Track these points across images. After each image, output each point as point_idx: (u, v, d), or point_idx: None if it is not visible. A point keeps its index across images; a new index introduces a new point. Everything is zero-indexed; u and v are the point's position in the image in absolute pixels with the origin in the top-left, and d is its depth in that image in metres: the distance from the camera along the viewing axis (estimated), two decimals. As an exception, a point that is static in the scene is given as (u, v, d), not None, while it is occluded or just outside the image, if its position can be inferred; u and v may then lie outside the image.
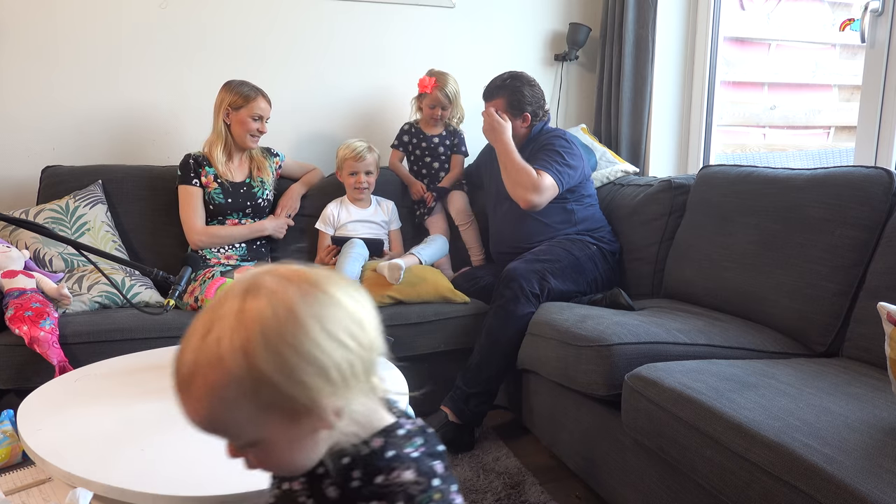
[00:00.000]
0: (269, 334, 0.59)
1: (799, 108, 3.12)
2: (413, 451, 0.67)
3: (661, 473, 1.46)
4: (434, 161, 2.69)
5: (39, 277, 1.95)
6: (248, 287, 0.62)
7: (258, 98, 2.33)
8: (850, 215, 1.72)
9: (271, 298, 0.61)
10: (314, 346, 0.60)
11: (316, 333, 0.61)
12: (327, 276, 0.66)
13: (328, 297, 0.63)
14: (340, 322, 0.63)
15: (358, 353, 0.63)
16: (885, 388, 1.37)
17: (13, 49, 2.44)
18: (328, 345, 0.61)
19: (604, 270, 2.33)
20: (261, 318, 0.60)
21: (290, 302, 0.61)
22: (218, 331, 0.60)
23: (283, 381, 0.59)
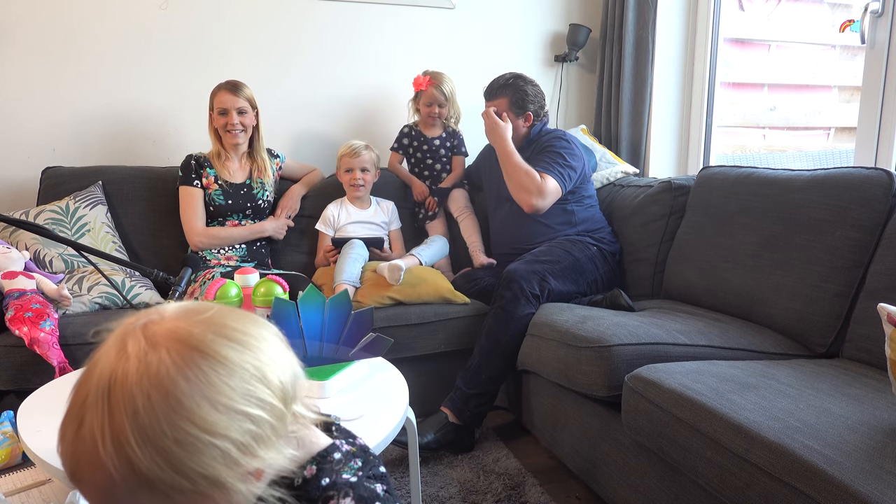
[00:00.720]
0: (145, 430, 0.50)
1: (799, 109, 3.12)
2: (351, 476, 0.62)
3: (661, 474, 1.46)
4: (436, 163, 2.70)
5: (39, 278, 1.95)
6: (117, 353, 0.53)
7: (219, 92, 2.27)
8: (850, 216, 1.72)
9: (141, 379, 0.51)
10: (204, 433, 0.51)
11: (205, 417, 0.51)
12: (210, 325, 0.56)
13: (213, 360, 0.53)
14: (235, 389, 0.53)
15: (265, 415, 0.55)
16: (886, 389, 1.37)
17: (14, 50, 2.44)
18: (223, 424, 0.52)
19: (604, 271, 2.33)
20: (132, 410, 0.50)
21: (165, 381, 0.51)
22: (90, 422, 0.51)
23: (175, 477, 0.50)
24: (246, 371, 0.55)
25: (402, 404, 1.30)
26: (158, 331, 0.54)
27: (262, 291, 1.44)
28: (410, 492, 1.60)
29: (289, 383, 0.59)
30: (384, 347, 1.40)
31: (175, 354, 0.52)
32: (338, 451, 0.64)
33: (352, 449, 0.65)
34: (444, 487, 1.83)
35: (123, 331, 0.55)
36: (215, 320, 0.57)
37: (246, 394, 0.54)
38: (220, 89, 2.29)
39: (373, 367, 1.48)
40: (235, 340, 0.56)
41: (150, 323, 0.55)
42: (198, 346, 0.53)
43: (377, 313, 2.11)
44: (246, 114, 2.30)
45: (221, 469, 0.52)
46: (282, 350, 0.60)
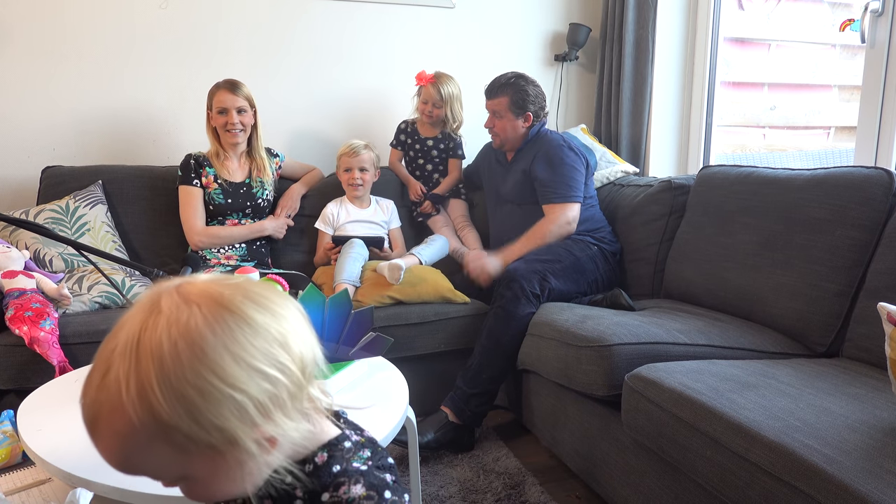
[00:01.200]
0: (169, 376, 0.51)
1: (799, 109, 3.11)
2: (360, 465, 0.63)
3: (661, 473, 1.46)
4: (427, 163, 2.69)
5: (39, 278, 1.95)
6: (149, 310, 0.55)
7: (218, 91, 2.27)
8: (850, 215, 1.72)
9: (170, 329, 0.53)
10: (225, 385, 0.53)
11: (226, 369, 0.53)
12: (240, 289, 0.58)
13: (240, 318, 0.55)
14: (258, 348, 0.55)
15: (283, 378, 0.56)
16: (886, 389, 1.37)
17: (14, 50, 2.44)
18: (243, 379, 0.54)
19: (604, 271, 2.33)
20: (158, 356, 0.52)
21: (193, 332, 0.53)
22: (116, 370, 0.53)
23: (193, 427, 0.52)
24: (270, 334, 0.56)
25: (402, 403, 1.30)
26: (192, 290, 0.56)
27: (262, 291, 1.43)
28: (410, 491, 1.60)
29: (309, 359, 0.60)
30: (384, 347, 1.40)
31: (206, 310, 0.55)
32: (348, 440, 0.65)
33: (360, 439, 0.66)
34: (444, 487, 1.83)
35: (157, 291, 0.57)
36: (246, 287, 0.59)
37: (268, 354, 0.56)
38: (218, 88, 2.28)
39: (373, 367, 1.48)
40: (264, 307, 0.58)
41: (184, 283, 0.58)
42: (228, 306, 0.56)
43: (377, 313, 2.11)
44: (245, 113, 2.29)
45: (237, 425, 0.54)
46: (306, 329, 0.61)
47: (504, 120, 2.40)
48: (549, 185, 2.34)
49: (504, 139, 2.45)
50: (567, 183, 2.32)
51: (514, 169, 2.46)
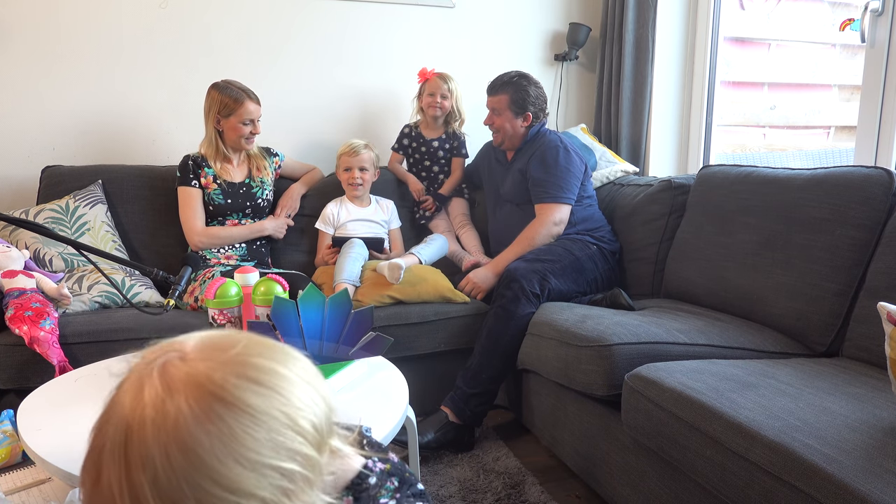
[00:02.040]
0: (163, 489, 0.46)
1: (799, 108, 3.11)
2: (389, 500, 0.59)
3: (661, 473, 1.46)
4: (434, 165, 2.70)
5: (39, 277, 1.95)
6: (134, 401, 0.48)
7: (245, 102, 2.27)
8: (850, 215, 1.72)
9: (158, 432, 0.47)
10: (228, 493, 0.47)
11: (228, 475, 0.47)
12: (231, 365, 0.51)
13: (235, 409, 0.48)
14: (262, 442, 0.48)
15: (296, 467, 0.50)
16: (885, 388, 1.37)
17: (14, 49, 2.44)
18: (249, 482, 0.47)
19: (604, 270, 2.33)
20: (150, 468, 0.46)
21: (184, 435, 0.46)
22: (107, 476, 0.47)
23: None
24: (275, 419, 0.49)
25: (402, 403, 1.30)
26: (176, 375, 0.49)
27: (262, 290, 1.44)
28: None
29: (323, 424, 0.53)
30: (384, 346, 1.40)
31: (194, 403, 0.48)
32: (372, 473, 0.60)
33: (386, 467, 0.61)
34: (444, 486, 1.83)
35: (140, 372, 0.51)
36: (239, 360, 0.51)
37: (275, 446, 0.49)
38: (244, 98, 2.26)
39: (373, 367, 1.48)
40: (261, 384, 0.50)
41: (168, 364, 0.50)
42: (219, 394, 0.48)
43: (377, 312, 2.11)
44: (259, 121, 2.36)
45: None
46: (315, 385, 0.54)
47: (503, 118, 2.41)
48: (540, 185, 2.34)
49: (503, 137, 2.45)
50: (559, 184, 2.33)
51: (513, 169, 2.47)
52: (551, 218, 2.31)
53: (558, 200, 2.33)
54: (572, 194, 2.36)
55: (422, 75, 2.63)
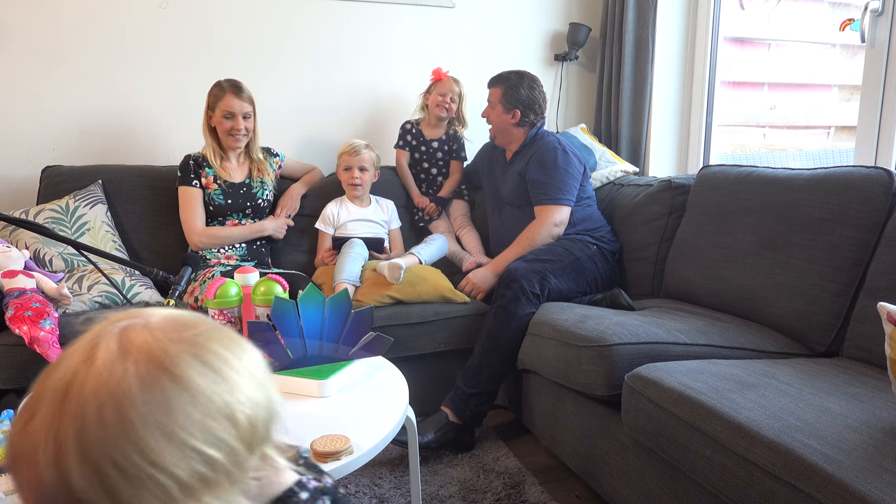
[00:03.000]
0: (87, 443, 0.46)
1: (799, 108, 3.11)
2: None
3: (661, 473, 1.46)
4: (432, 167, 2.70)
5: (39, 277, 1.95)
6: (85, 357, 0.49)
7: (226, 95, 2.25)
8: (850, 215, 1.72)
9: (99, 389, 0.47)
10: (149, 465, 0.46)
11: (154, 447, 0.47)
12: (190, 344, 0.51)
13: (180, 385, 0.49)
14: (195, 423, 0.48)
15: (221, 457, 0.50)
16: (885, 388, 1.37)
17: (14, 49, 2.44)
18: (172, 459, 0.47)
19: (604, 270, 2.33)
20: (81, 420, 0.46)
21: (122, 397, 0.47)
22: (38, 420, 0.48)
23: (103, 500, 0.46)
24: (213, 404, 0.50)
25: (402, 403, 1.30)
26: (135, 340, 0.50)
27: (262, 290, 1.44)
28: (410, 491, 1.60)
29: (260, 425, 0.53)
30: (384, 346, 1.40)
31: (143, 370, 0.48)
32: (304, 489, 0.59)
33: (319, 486, 0.60)
34: (444, 486, 1.83)
35: (99, 331, 0.52)
36: (198, 341, 0.52)
37: (206, 430, 0.49)
38: (223, 91, 2.26)
39: (372, 366, 1.48)
40: (211, 367, 0.51)
41: (129, 328, 0.51)
42: (168, 367, 0.49)
43: (377, 312, 2.11)
44: (249, 118, 2.30)
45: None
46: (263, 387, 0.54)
47: (495, 111, 2.45)
48: (539, 187, 2.35)
49: (495, 131, 2.49)
50: (558, 185, 2.33)
51: (511, 171, 2.47)
52: (551, 219, 2.31)
53: (558, 202, 2.33)
54: (571, 196, 2.36)
55: (436, 74, 2.63)
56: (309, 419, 1.21)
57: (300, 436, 1.11)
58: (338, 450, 1.05)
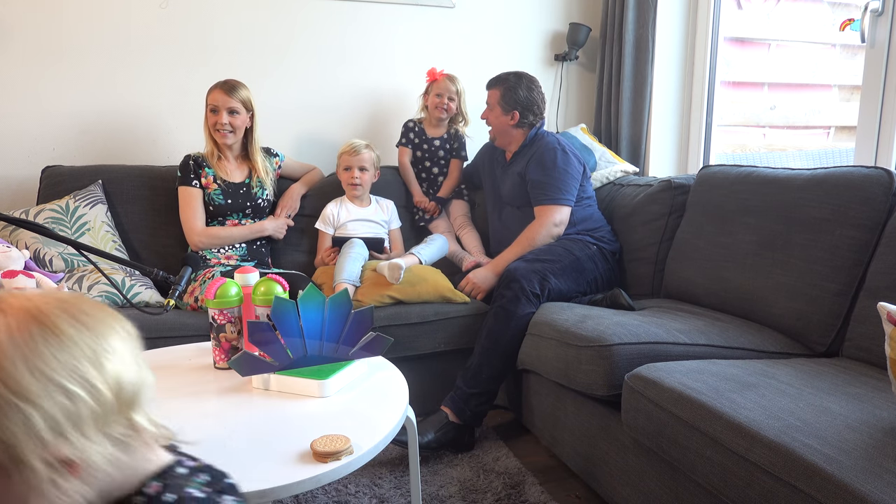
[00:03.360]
0: None
1: (799, 108, 3.11)
2: (197, 491, 0.60)
3: (661, 473, 1.46)
4: (433, 166, 2.70)
5: (40, 277, 1.94)
6: None
7: (213, 90, 2.27)
8: (850, 215, 1.72)
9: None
10: (12, 394, 0.51)
11: (18, 378, 0.51)
12: (63, 304, 0.56)
13: (48, 330, 0.54)
14: (60, 361, 0.53)
15: (86, 396, 0.53)
16: (885, 388, 1.37)
17: (14, 49, 2.44)
18: (35, 391, 0.51)
19: (604, 270, 2.33)
20: None
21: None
22: None
23: None
24: (79, 349, 0.54)
25: (402, 403, 1.30)
26: (12, 302, 0.55)
27: (262, 290, 1.44)
28: (410, 491, 1.60)
29: (130, 385, 0.57)
30: (384, 346, 1.40)
31: (14, 321, 0.53)
32: (181, 466, 0.62)
33: (196, 464, 0.63)
34: (444, 486, 1.83)
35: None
36: (74, 303, 0.57)
37: (71, 369, 0.53)
38: (214, 87, 2.28)
39: (372, 367, 1.48)
40: (82, 322, 0.56)
41: (10, 295, 0.56)
42: (39, 317, 0.54)
43: (377, 312, 2.11)
44: (237, 115, 2.28)
45: (24, 440, 0.50)
46: (133, 355, 0.58)
47: (493, 113, 2.45)
48: (539, 187, 2.35)
49: (494, 132, 2.49)
50: (557, 185, 2.33)
51: (511, 172, 2.47)
52: (551, 219, 2.31)
53: (558, 202, 2.33)
54: (571, 196, 2.36)
55: (430, 75, 2.63)
56: (309, 419, 1.21)
57: (300, 436, 1.11)
58: (338, 450, 1.05)
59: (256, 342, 1.29)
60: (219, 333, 1.45)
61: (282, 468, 1.01)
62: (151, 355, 1.60)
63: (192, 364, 1.52)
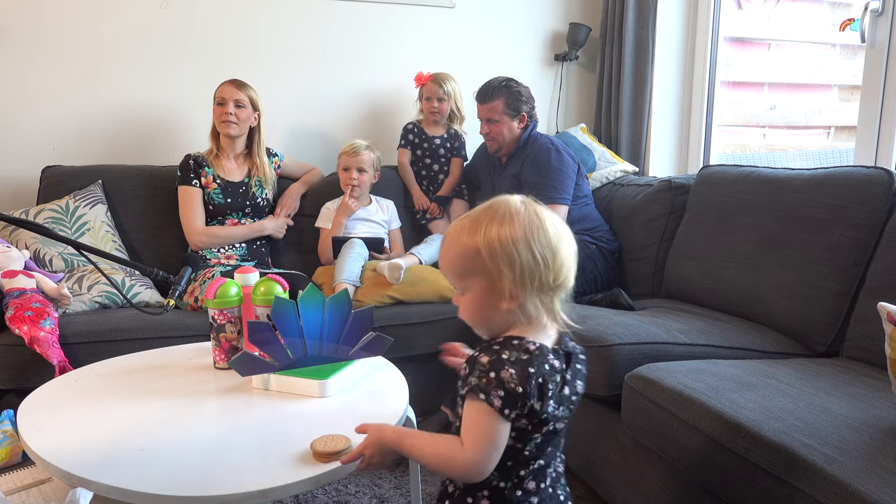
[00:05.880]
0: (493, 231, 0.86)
1: (799, 108, 3.11)
2: (506, 356, 0.84)
3: (661, 473, 1.46)
4: (434, 163, 2.70)
5: (39, 277, 1.95)
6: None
7: (221, 85, 2.32)
8: (850, 215, 1.72)
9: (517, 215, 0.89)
10: (514, 249, 0.85)
11: (520, 241, 0.85)
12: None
13: (542, 223, 0.89)
14: (542, 241, 0.86)
15: (541, 269, 0.86)
16: (885, 388, 1.37)
17: (14, 49, 2.44)
18: (523, 251, 0.85)
19: (603, 269, 2.33)
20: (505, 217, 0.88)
21: (515, 216, 0.88)
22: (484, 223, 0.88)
23: (490, 259, 0.85)
24: (551, 239, 0.92)
25: (402, 403, 1.30)
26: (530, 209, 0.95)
27: (262, 290, 1.43)
28: (410, 491, 1.60)
29: (565, 277, 0.94)
30: (384, 346, 1.40)
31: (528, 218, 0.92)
32: (526, 347, 0.90)
33: (534, 351, 0.89)
34: (444, 486, 1.83)
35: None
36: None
37: (545, 247, 0.90)
38: (223, 83, 2.32)
39: (372, 367, 1.48)
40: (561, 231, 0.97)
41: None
42: (532, 214, 0.94)
43: (377, 312, 2.11)
44: (243, 108, 2.30)
45: (507, 273, 0.87)
46: (571, 257, 0.96)
47: (500, 124, 2.41)
48: (535, 188, 2.34)
49: (501, 143, 2.45)
50: (553, 185, 2.33)
51: (507, 174, 2.47)
52: None
53: (555, 201, 2.32)
54: (568, 195, 2.35)
55: (417, 80, 2.64)
56: (309, 419, 1.21)
57: (300, 436, 1.11)
58: (338, 450, 1.05)
59: (256, 342, 1.29)
60: (219, 333, 1.45)
61: (282, 468, 1.01)
62: (151, 355, 1.60)
63: (192, 364, 1.52)
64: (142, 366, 1.52)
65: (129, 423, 1.20)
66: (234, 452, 1.07)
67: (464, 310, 0.91)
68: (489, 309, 0.88)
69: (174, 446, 1.10)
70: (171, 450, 1.09)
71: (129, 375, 1.45)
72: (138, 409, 1.26)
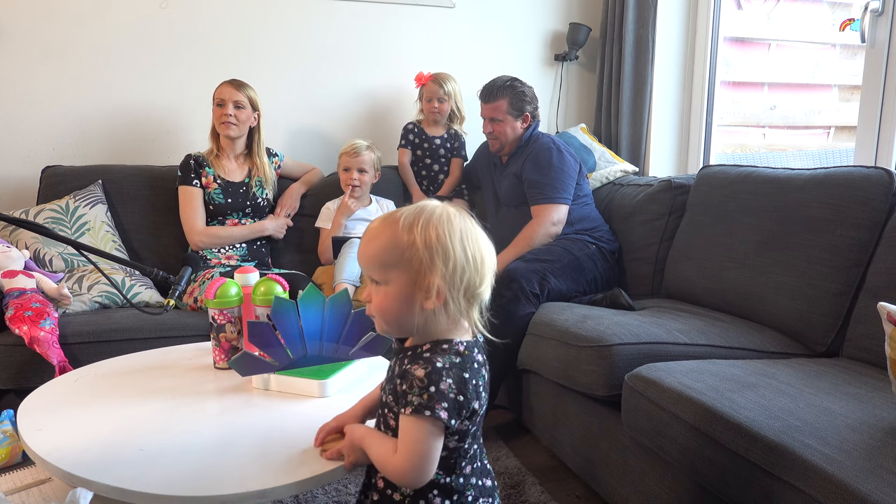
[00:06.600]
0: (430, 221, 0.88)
1: (799, 108, 3.11)
2: (443, 363, 0.86)
3: (661, 473, 1.46)
4: (434, 163, 2.70)
5: (39, 277, 1.95)
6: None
7: (221, 86, 2.32)
8: (850, 215, 1.72)
9: (454, 216, 0.92)
10: (450, 245, 0.86)
11: (456, 239, 0.87)
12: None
13: (475, 228, 0.92)
14: (474, 244, 0.90)
15: (471, 269, 0.88)
16: (885, 388, 1.37)
17: (14, 49, 2.44)
18: (458, 248, 0.87)
19: (603, 269, 2.33)
20: (436, 217, 0.89)
21: (452, 217, 0.90)
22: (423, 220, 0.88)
23: (425, 251, 0.85)
24: (465, 236, 0.92)
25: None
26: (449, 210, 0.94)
27: (262, 290, 1.43)
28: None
29: (485, 270, 0.92)
30: (384, 346, 1.40)
31: (456, 219, 0.93)
32: (456, 349, 0.93)
33: (463, 351, 0.94)
34: (444, 486, 1.83)
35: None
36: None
37: (473, 244, 0.93)
38: (222, 83, 2.32)
39: (372, 366, 1.48)
40: (479, 241, 0.96)
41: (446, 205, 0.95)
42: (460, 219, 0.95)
43: (377, 312, 2.11)
44: (243, 109, 2.30)
45: (438, 270, 0.87)
46: (490, 256, 0.95)
47: (504, 123, 2.40)
48: (536, 187, 2.34)
49: (504, 142, 2.45)
50: (554, 185, 2.33)
51: (508, 172, 2.47)
52: (549, 218, 2.31)
53: (555, 201, 2.32)
54: (568, 194, 2.35)
55: (418, 80, 2.65)
56: (309, 419, 1.21)
57: (300, 436, 1.11)
58: (338, 450, 1.04)
59: (256, 342, 1.29)
60: (219, 333, 1.45)
61: (282, 468, 1.01)
62: (151, 355, 1.60)
63: (192, 364, 1.52)
64: (142, 366, 1.52)
65: (129, 423, 1.19)
66: (234, 452, 1.07)
67: (379, 303, 0.89)
68: (407, 305, 0.87)
69: (174, 446, 1.10)
70: (171, 450, 1.08)
71: (129, 375, 1.45)
72: (138, 409, 1.25)
